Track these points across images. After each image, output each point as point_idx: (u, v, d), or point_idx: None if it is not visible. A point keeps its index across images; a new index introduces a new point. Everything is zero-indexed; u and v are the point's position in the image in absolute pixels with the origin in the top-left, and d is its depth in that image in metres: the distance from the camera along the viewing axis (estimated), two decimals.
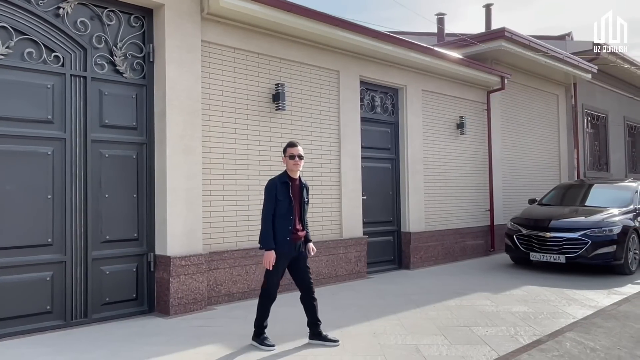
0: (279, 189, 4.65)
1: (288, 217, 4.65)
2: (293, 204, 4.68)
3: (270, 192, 4.66)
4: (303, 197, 4.80)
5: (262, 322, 4.77)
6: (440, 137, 10.05)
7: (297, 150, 4.76)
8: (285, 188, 4.67)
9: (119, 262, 5.81)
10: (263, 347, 4.64)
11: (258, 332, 4.77)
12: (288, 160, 4.75)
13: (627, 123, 17.37)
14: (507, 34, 10.54)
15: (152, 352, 4.55)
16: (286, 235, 4.64)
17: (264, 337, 4.73)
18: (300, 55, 7.57)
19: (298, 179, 4.81)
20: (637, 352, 4.85)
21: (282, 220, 4.64)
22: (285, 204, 4.64)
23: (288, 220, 4.65)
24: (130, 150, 5.96)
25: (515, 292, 7.05)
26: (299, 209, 4.77)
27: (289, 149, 4.76)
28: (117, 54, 5.89)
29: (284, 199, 4.64)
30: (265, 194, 4.68)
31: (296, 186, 4.77)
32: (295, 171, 4.77)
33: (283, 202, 4.64)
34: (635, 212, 9.03)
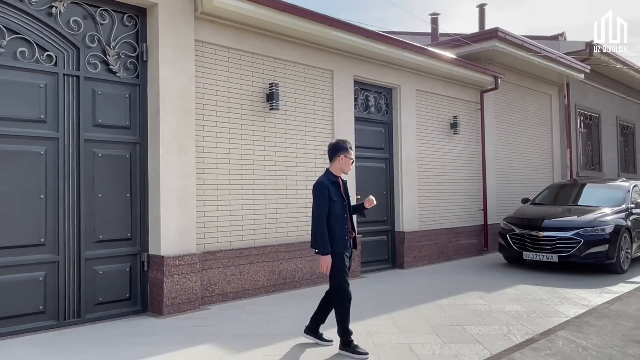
0: (331, 190, 4.51)
1: (343, 216, 4.55)
2: (346, 203, 4.61)
3: (323, 193, 4.48)
4: (347, 195, 4.72)
5: (347, 327, 4.52)
6: (434, 137, 10.08)
7: (353, 155, 4.76)
8: (337, 188, 4.58)
9: (112, 262, 5.80)
10: (356, 356, 4.38)
11: (346, 340, 4.50)
12: (346, 160, 4.66)
13: (619, 123, 17.47)
14: (501, 34, 10.57)
15: (146, 352, 4.55)
16: (345, 234, 4.54)
17: (355, 344, 4.47)
18: (294, 54, 7.57)
19: (341, 177, 4.73)
20: (629, 350, 4.88)
21: (339, 220, 4.51)
22: (339, 204, 4.53)
23: (344, 219, 4.55)
24: (123, 149, 5.95)
25: (508, 291, 7.08)
26: (349, 208, 4.69)
27: (350, 153, 4.68)
28: (110, 53, 5.87)
29: (338, 198, 4.54)
30: (318, 196, 4.50)
31: (342, 185, 4.69)
32: (346, 172, 4.73)
33: (337, 202, 4.52)
34: (627, 211, 9.09)
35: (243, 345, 4.73)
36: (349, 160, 4.67)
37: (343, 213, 4.54)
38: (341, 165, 4.66)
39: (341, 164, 4.66)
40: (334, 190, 4.54)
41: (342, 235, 4.50)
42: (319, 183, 4.55)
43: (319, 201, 4.49)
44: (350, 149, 4.71)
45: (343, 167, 4.67)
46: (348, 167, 4.69)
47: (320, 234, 4.43)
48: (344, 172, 4.71)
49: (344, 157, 4.66)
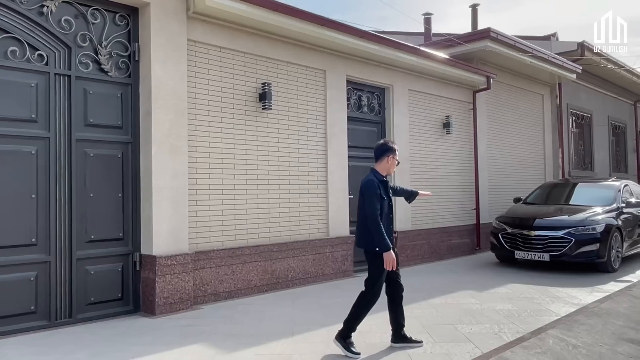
0: (381, 189, 4.53)
1: (389, 216, 4.59)
2: (391, 202, 4.65)
3: (375, 191, 4.46)
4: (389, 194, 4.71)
5: (354, 326, 4.54)
6: (427, 137, 10.11)
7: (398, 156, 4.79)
8: (385, 187, 4.60)
9: (104, 262, 5.79)
10: (349, 354, 4.42)
11: (346, 335, 4.52)
12: (393, 162, 4.70)
13: (611, 123, 17.59)
14: (493, 34, 10.62)
15: (138, 352, 4.55)
16: (390, 234, 4.57)
17: (350, 342, 4.50)
18: (287, 54, 7.58)
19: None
20: (618, 348, 4.93)
21: (386, 219, 4.53)
22: (386, 203, 4.56)
23: (390, 219, 4.60)
24: (115, 149, 5.93)
25: (500, 290, 7.12)
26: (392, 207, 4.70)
27: (397, 154, 4.74)
28: (102, 52, 5.85)
29: (386, 197, 4.56)
30: (370, 194, 4.46)
31: (387, 184, 4.69)
32: (391, 173, 4.76)
33: (385, 201, 4.55)
34: (618, 210, 9.16)
35: (235, 344, 4.74)
36: (395, 162, 4.73)
37: (389, 212, 4.59)
38: (388, 165, 4.70)
39: (388, 164, 4.70)
40: (384, 189, 4.57)
41: (389, 234, 4.51)
42: (370, 181, 4.53)
43: (371, 199, 4.46)
44: (394, 152, 4.73)
45: (389, 168, 4.71)
46: (393, 168, 4.77)
47: (378, 232, 4.41)
48: (389, 173, 4.73)
49: (392, 158, 4.70)
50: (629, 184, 10.51)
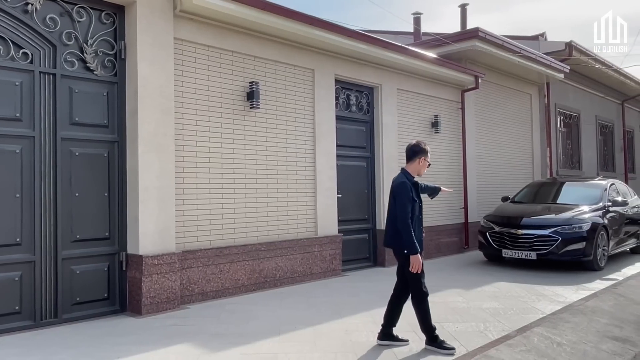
0: (413, 191, 4.54)
1: (419, 217, 4.61)
2: (421, 204, 4.65)
3: (407, 193, 4.47)
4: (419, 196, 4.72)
5: (430, 324, 4.58)
6: (416, 136, 10.12)
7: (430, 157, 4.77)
8: (416, 189, 4.62)
9: (90, 262, 5.75)
10: (443, 351, 4.45)
11: (432, 336, 4.56)
12: (424, 163, 4.70)
13: (598, 122, 17.73)
14: (481, 34, 10.67)
15: (123, 351, 4.52)
16: (421, 236, 4.60)
17: (441, 340, 4.54)
18: (275, 53, 7.57)
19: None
20: (602, 346, 4.97)
21: (417, 221, 4.56)
22: (418, 205, 4.58)
23: (420, 221, 4.62)
24: (101, 148, 5.90)
25: (487, 289, 7.16)
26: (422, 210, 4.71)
27: (428, 156, 4.73)
28: (87, 51, 5.82)
29: (417, 199, 4.58)
30: (403, 196, 4.47)
31: (417, 186, 4.69)
32: (421, 174, 4.74)
33: (417, 203, 4.56)
34: (604, 209, 9.24)
35: (221, 344, 4.73)
36: (426, 164, 4.72)
37: (420, 214, 4.60)
38: (419, 167, 4.69)
39: (419, 166, 4.69)
40: (415, 191, 4.58)
41: (419, 236, 4.54)
42: (403, 183, 4.53)
43: (403, 202, 4.46)
44: (426, 153, 4.71)
45: (420, 170, 4.71)
46: (424, 170, 4.75)
47: (408, 234, 4.42)
48: (419, 174, 4.72)
49: (424, 160, 4.69)
50: (615, 182, 10.60)
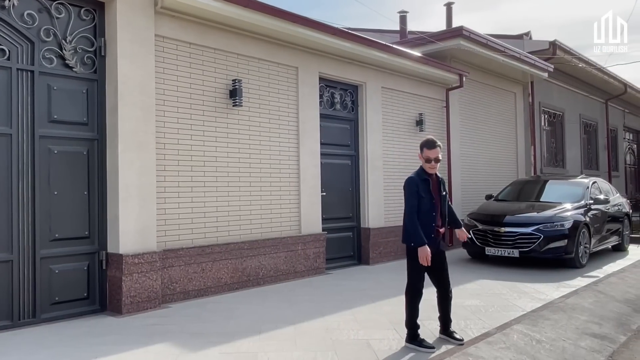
0: (420, 186, 4.59)
1: (431, 213, 4.60)
2: (435, 200, 4.64)
3: (411, 188, 4.59)
4: (441, 192, 4.73)
5: (414, 322, 4.63)
6: (400, 134, 10.16)
7: (434, 154, 4.64)
8: (426, 185, 4.62)
9: (69, 261, 5.69)
10: (421, 349, 4.47)
11: (413, 334, 4.60)
12: (424, 162, 4.68)
13: (582, 121, 17.88)
14: (465, 32, 10.71)
15: (101, 351, 4.48)
16: (430, 232, 4.58)
17: (420, 338, 4.58)
18: (258, 51, 7.53)
19: (435, 174, 4.74)
20: (581, 343, 5.02)
21: (425, 217, 4.58)
22: (427, 201, 4.59)
23: (431, 217, 4.60)
24: (80, 146, 5.83)
25: (469, 286, 7.19)
26: (439, 205, 4.70)
27: (426, 151, 4.65)
28: (66, 47, 5.74)
29: (426, 195, 4.59)
30: (407, 191, 4.62)
31: (434, 182, 4.71)
32: (426, 170, 4.70)
33: (425, 198, 4.58)
34: (586, 207, 9.32)
35: (201, 343, 4.70)
36: (426, 164, 4.66)
37: (431, 210, 4.60)
38: (422, 163, 4.73)
39: (421, 162, 4.73)
40: (423, 187, 4.60)
41: (427, 232, 4.55)
42: (409, 179, 4.66)
43: (406, 196, 4.63)
44: (426, 147, 4.66)
45: (424, 166, 4.70)
46: (426, 166, 4.68)
47: (412, 227, 4.51)
48: (428, 171, 4.69)
49: (420, 155, 4.72)
50: (597, 181, 10.70)
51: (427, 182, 4.65)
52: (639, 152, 24.21)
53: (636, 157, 23.99)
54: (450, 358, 4.28)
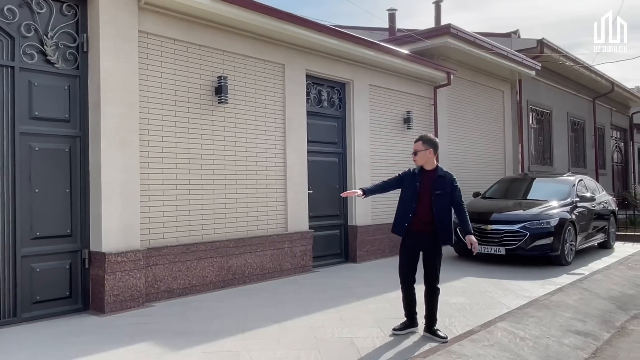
0: (405, 176, 4.93)
1: (410, 205, 4.78)
2: (418, 193, 4.76)
3: (395, 176, 5.03)
4: (434, 190, 4.75)
5: (405, 311, 4.96)
6: (387, 132, 10.15)
7: (414, 146, 4.92)
8: (413, 178, 4.86)
9: (51, 259, 5.61)
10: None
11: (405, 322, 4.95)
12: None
13: (570, 119, 17.98)
14: (453, 30, 10.71)
15: (81, 351, 4.42)
16: (404, 221, 4.80)
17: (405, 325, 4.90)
18: (244, 48, 7.48)
19: (433, 170, 4.86)
20: (565, 340, 5.03)
21: (402, 206, 4.87)
22: (408, 192, 4.83)
23: (410, 207, 4.77)
24: (62, 143, 5.75)
25: (455, 284, 7.20)
26: (427, 200, 4.74)
27: (414, 145, 4.95)
28: (48, 43, 5.66)
29: (410, 186, 4.83)
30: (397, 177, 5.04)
31: (428, 177, 4.81)
32: (419, 164, 4.90)
33: (407, 190, 4.85)
34: (572, 204, 9.36)
35: (184, 342, 4.65)
36: (414, 156, 4.91)
37: (411, 202, 4.77)
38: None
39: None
40: (409, 179, 4.88)
41: (401, 220, 4.84)
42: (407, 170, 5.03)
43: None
44: (414, 142, 4.94)
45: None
46: (415, 160, 4.93)
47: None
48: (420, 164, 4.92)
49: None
50: (583, 178, 10.76)
51: (414, 175, 4.86)
52: (625, 150, 24.40)
53: (623, 155, 24.18)
54: (433, 356, 4.27)
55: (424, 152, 4.82)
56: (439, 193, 4.75)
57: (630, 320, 6.02)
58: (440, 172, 4.85)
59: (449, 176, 4.86)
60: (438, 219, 4.74)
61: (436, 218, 4.74)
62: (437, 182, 4.78)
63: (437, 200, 4.74)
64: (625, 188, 22.87)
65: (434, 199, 4.73)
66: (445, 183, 4.79)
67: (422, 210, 4.74)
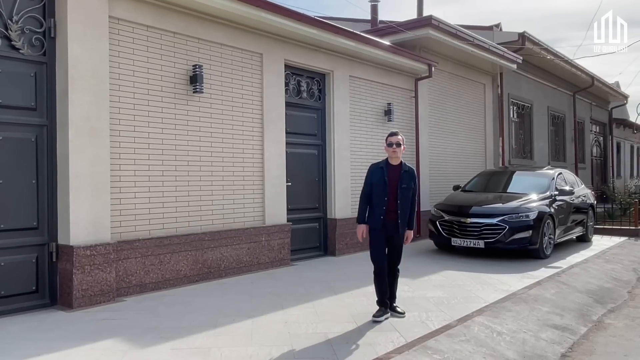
0: (373, 173, 5.16)
1: (382, 198, 5.07)
2: (387, 187, 5.06)
3: (366, 176, 5.23)
4: (400, 184, 5.09)
5: (377, 298, 5.20)
6: (367, 124, 10.04)
7: (395, 139, 5.14)
8: (381, 172, 5.13)
9: (16, 253, 5.40)
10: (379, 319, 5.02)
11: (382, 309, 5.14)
12: (387, 147, 5.16)
13: (550, 113, 18.05)
14: (434, 22, 10.61)
15: (44, 348, 4.24)
16: (380, 214, 5.09)
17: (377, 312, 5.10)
18: (220, 36, 7.29)
19: (398, 165, 5.17)
20: (542, 334, 4.98)
21: (376, 200, 5.11)
22: (378, 187, 5.10)
23: (382, 201, 5.07)
24: (28, 132, 5.53)
25: (434, 278, 7.13)
26: (394, 192, 5.08)
27: (389, 138, 5.17)
28: (12, 28, 5.42)
29: (378, 181, 5.10)
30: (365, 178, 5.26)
31: (394, 171, 5.12)
32: (394, 158, 5.16)
33: (377, 184, 5.10)
34: (551, 198, 9.35)
35: (153, 339, 4.50)
36: (389, 148, 5.16)
37: (382, 196, 5.07)
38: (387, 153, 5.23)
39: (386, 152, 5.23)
40: (377, 174, 5.14)
41: (377, 213, 5.10)
42: (370, 166, 5.29)
43: (364, 182, 5.27)
44: (389, 137, 5.21)
45: (388, 154, 5.21)
46: (390, 154, 5.19)
47: (359, 208, 5.24)
48: (390, 159, 5.21)
49: (385, 147, 5.22)
50: (563, 172, 10.77)
51: (382, 169, 5.15)
52: (604, 144, 24.64)
53: (602, 149, 24.42)
54: (409, 352, 4.18)
55: (403, 147, 5.21)
56: (405, 187, 5.14)
57: (607, 314, 6.01)
58: (405, 167, 5.22)
59: (412, 171, 5.26)
60: (402, 210, 5.13)
61: (400, 209, 5.12)
62: (404, 177, 5.15)
63: (402, 193, 5.12)
64: (604, 182, 23.11)
65: (400, 193, 5.11)
66: (410, 178, 5.20)
67: (391, 202, 5.10)
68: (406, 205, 5.14)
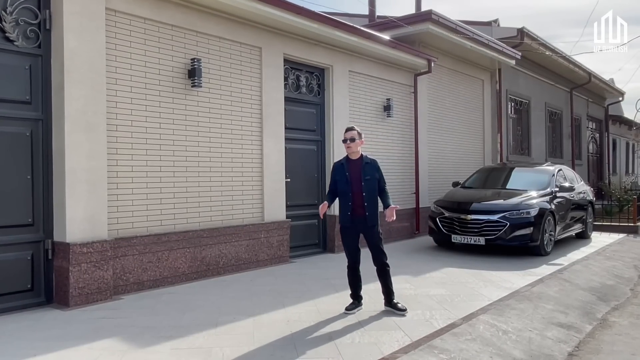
0: (336, 170, 5.24)
1: (347, 194, 5.13)
2: (350, 182, 5.10)
3: (331, 173, 5.32)
4: (363, 176, 5.11)
5: (352, 290, 5.30)
6: (367, 119, 9.93)
7: (349, 134, 5.16)
8: (341, 169, 5.19)
9: (11, 250, 5.27)
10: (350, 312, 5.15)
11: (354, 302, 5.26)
12: (343, 143, 5.21)
13: (548, 109, 18.01)
14: (434, 16, 10.51)
15: (40, 348, 4.13)
16: (347, 210, 5.15)
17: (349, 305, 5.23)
18: (219, 29, 7.16)
19: (359, 158, 5.19)
20: (547, 333, 4.90)
21: (341, 197, 5.19)
22: (341, 183, 5.17)
23: (347, 197, 5.13)
24: (23, 126, 5.39)
25: (435, 275, 7.05)
26: (359, 186, 5.11)
27: (344, 134, 5.19)
28: (6, 19, 5.27)
29: (340, 178, 5.18)
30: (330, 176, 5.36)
31: (355, 166, 5.16)
32: (351, 153, 5.19)
33: (340, 181, 5.18)
34: (551, 194, 9.29)
35: (152, 338, 4.39)
36: (343, 144, 5.20)
37: (347, 191, 5.13)
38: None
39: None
40: (339, 170, 5.22)
41: (345, 210, 5.18)
42: (334, 163, 5.39)
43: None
44: (344, 132, 5.22)
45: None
46: (345, 150, 5.24)
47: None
48: (348, 154, 5.24)
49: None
50: (562, 168, 10.71)
51: (342, 166, 5.20)
52: (601, 141, 24.64)
53: (598, 146, 24.42)
54: (415, 351, 4.09)
55: (358, 141, 5.17)
56: (368, 179, 5.14)
57: (611, 312, 5.94)
58: (366, 160, 5.24)
59: (374, 162, 5.26)
60: (370, 203, 5.14)
61: (367, 202, 5.13)
62: (366, 169, 5.17)
63: (367, 185, 5.13)
64: (600, 178, 23.11)
65: (364, 185, 5.12)
66: (373, 169, 5.20)
67: (356, 196, 5.12)
68: (374, 197, 5.16)
